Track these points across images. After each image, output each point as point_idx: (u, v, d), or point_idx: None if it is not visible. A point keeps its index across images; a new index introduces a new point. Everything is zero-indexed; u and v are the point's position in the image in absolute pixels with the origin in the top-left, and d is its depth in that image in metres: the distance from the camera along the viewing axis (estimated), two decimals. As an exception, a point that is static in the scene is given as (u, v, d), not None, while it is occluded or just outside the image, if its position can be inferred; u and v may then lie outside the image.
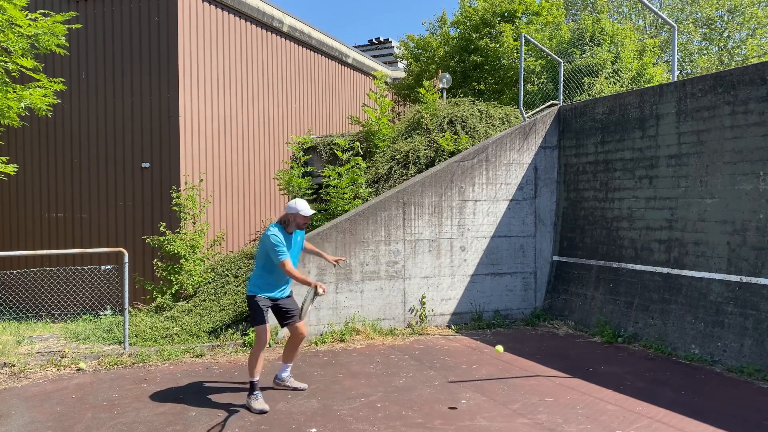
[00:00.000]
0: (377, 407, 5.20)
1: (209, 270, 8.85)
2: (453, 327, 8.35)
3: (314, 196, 9.83)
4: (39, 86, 8.27)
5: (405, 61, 19.20)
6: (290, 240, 5.39)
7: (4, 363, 6.51)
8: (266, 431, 4.69)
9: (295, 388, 5.71)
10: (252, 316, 5.37)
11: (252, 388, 5.24)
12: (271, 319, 7.44)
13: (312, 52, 14.86)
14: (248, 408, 5.16)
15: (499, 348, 6.14)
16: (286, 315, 5.54)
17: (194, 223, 9.28)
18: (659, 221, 7.48)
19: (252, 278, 5.45)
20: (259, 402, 5.17)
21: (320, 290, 5.03)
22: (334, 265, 5.85)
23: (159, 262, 8.90)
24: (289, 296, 5.58)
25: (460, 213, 8.54)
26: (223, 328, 7.62)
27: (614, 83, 11.80)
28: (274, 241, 5.18)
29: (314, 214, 6.27)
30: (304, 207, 5.32)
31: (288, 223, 5.35)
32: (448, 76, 13.34)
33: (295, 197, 9.74)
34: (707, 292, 6.78)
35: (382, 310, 8.08)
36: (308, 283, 5.15)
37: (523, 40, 9.81)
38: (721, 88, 6.81)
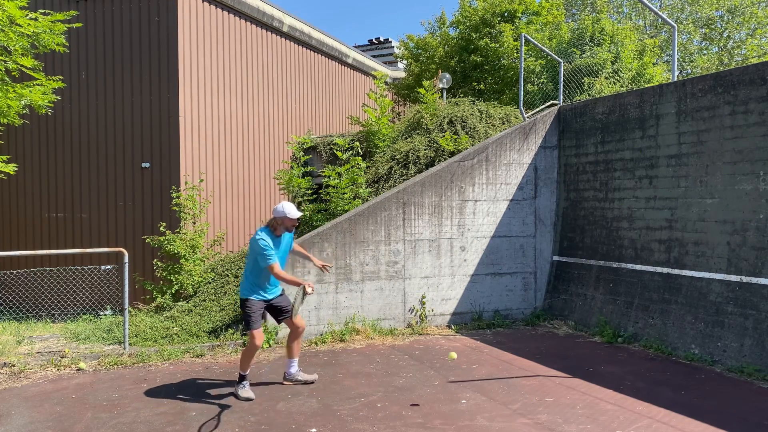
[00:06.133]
0: (377, 407, 5.20)
1: (209, 270, 8.84)
2: (453, 327, 8.35)
3: (314, 196, 9.82)
4: (38, 84, 8.28)
5: (405, 61, 19.19)
6: (279, 243, 5.51)
7: (4, 363, 6.51)
8: (266, 431, 4.69)
9: (306, 381, 5.84)
10: (245, 320, 5.52)
11: (241, 378, 5.51)
12: (270, 320, 7.46)
13: (312, 52, 14.86)
14: (236, 395, 5.44)
15: (453, 354, 5.75)
16: (281, 311, 5.69)
17: (194, 223, 9.28)
18: (659, 221, 7.48)
19: (243, 281, 5.58)
20: (245, 390, 5.43)
21: (309, 289, 5.09)
22: (322, 270, 5.91)
23: (159, 262, 8.89)
24: (281, 294, 5.72)
25: (460, 213, 8.54)
26: (223, 328, 7.62)
27: (614, 83, 11.81)
28: (263, 245, 5.32)
29: (302, 215, 6.36)
30: (291, 210, 5.43)
31: (276, 226, 5.48)
32: (448, 76, 13.33)
33: (294, 197, 9.74)
34: (707, 292, 6.78)
35: (382, 310, 8.08)
36: (297, 283, 5.25)
37: (523, 40, 9.81)
38: (721, 88, 6.80)
